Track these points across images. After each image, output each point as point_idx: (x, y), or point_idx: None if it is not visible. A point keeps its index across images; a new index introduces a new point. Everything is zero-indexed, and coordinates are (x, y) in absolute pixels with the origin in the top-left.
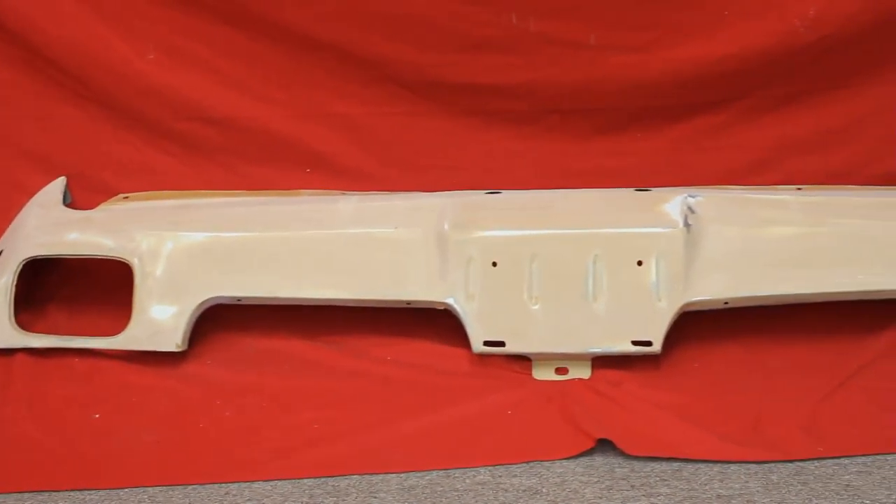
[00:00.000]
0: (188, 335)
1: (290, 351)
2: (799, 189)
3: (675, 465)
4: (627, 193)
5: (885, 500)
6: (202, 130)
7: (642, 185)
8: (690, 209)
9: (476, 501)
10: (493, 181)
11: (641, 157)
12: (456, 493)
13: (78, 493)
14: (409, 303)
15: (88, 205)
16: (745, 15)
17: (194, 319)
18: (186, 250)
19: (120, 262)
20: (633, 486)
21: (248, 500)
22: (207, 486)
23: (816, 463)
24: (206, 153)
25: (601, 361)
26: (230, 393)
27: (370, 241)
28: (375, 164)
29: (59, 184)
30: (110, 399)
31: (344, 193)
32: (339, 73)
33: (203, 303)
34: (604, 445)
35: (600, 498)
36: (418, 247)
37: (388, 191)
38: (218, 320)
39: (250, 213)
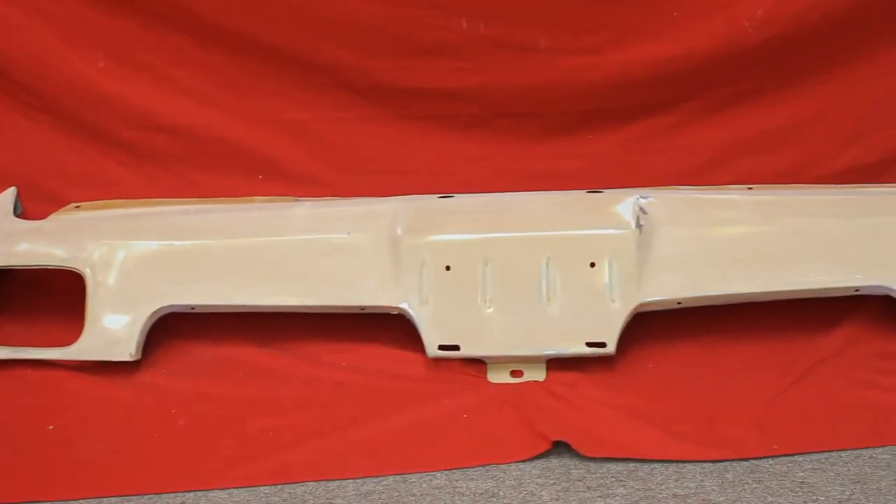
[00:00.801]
0: (142, 344)
1: (244, 358)
2: (749, 188)
3: (631, 465)
4: (579, 195)
5: (839, 497)
6: (153, 139)
7: (594, 186)
8: (642, 210)
9: None
10: (446, 185)
11: (593, 159)
12: (413, 498)
13: None
14: (363, 308)
15: (39, 215)
16: (693, 16)
17: (148, 329)
18: (139, 259)
19: (72, 272)
20: (589, 488)
21: None
22: (163, 495)
23: (771, 461)
24: (157, 161)
25: (556, 363)
26: (185, 402)
27: (323, 247)
28: (328, 169)
29: (9, 194)
30: (65, 410)
31: (296, 200)
32: (290, 79)
33: (156, 312)
34: (560, 447)
35: (557, 500)
36: (371, 252)
37: (340, 196)
38: (171, 329)
39: (202, 220)
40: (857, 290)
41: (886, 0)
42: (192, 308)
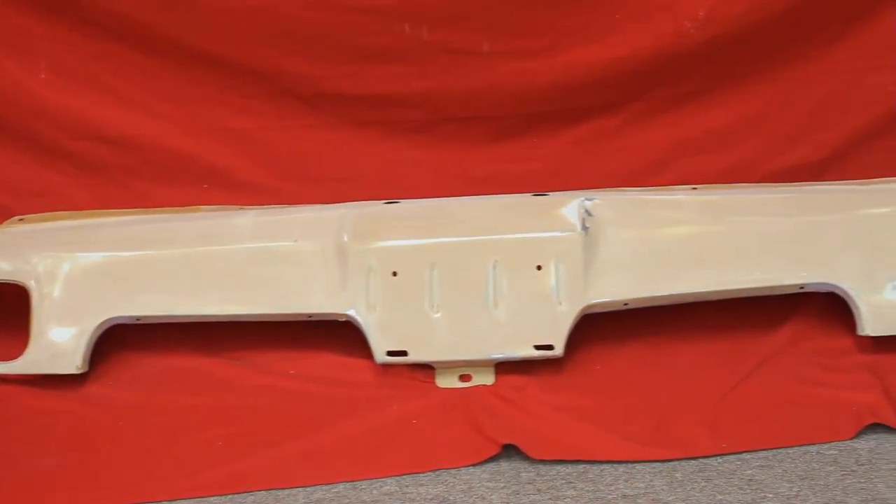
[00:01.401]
0: (88, 356)
1: (191, 368)
2: (694, 189)
3: (581, 466)
4: (525, 199)
5: (787, 493)
6: (97, 150)
7: (540, 189)
8: (588, 212)
9: None
10: (392, 191)
11: (538, 162)
12: None
13: None
14: (310, 316)
15: None
16: (635, 18)
17: (94, 340)
18: (84, 271)
19: (17, 285)
20: (539, 490)
21: None
22: None
23: (719, 459)
24: (101, 172)
25: (504, 367)
26: (133, 413)
27: (269, 255)
28: (273, 177)
29: None
30: (12, 424)
31: (242, 208)
32: (233, 87)
33: (102, 323)
34: (509, 451)
35: (507, 503)
36: (318, 259)
37: (286, 204)
38: (118, 340)
39: (147, 231)
40: (801, 288)
41: (824, 1)
42: (138, 319)
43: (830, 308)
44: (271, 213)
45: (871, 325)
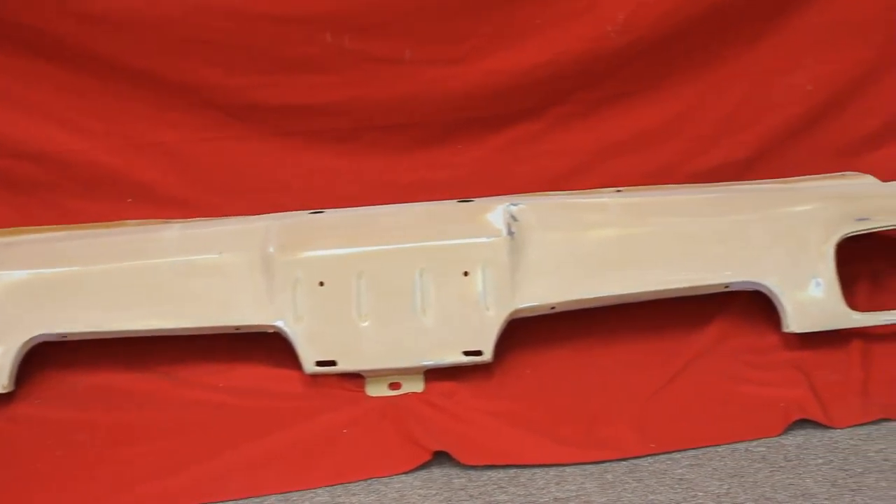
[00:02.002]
0: (14, 375)
1: (120, 385)
2: (618, 191)
3: (512, 471)
4: (450, 205)
5: (717, 491)
6: (19, 166)
7: (465, 195)
8: (513, 217)
9: None
10: (318, 201)
11: (463, 169)
12: None
13: None
14: (237, 328)
15: None
16: (556, 22)
17: (20, 359)
18: (8, 289)
19: None
20: (471, 496)
21: None
22: None
23: (650, 459)
24: (24, 189)
25: (434, 374)
26: (62, 431)
27: (195, 268)
28: (198, 190)
29: None
30: None
31: (167, 222)
32: (155, 101)
33: (28, 342)
34: (441, 457)
35: None
36: (244, 271)
37: (211, 217)
38: (45, 358)
39: (72, 247)
40: (727, 287)
41: (741, 2)
42: (64, 336)
43: (756, 306)
44: (196, 227)
45: (795, 321)
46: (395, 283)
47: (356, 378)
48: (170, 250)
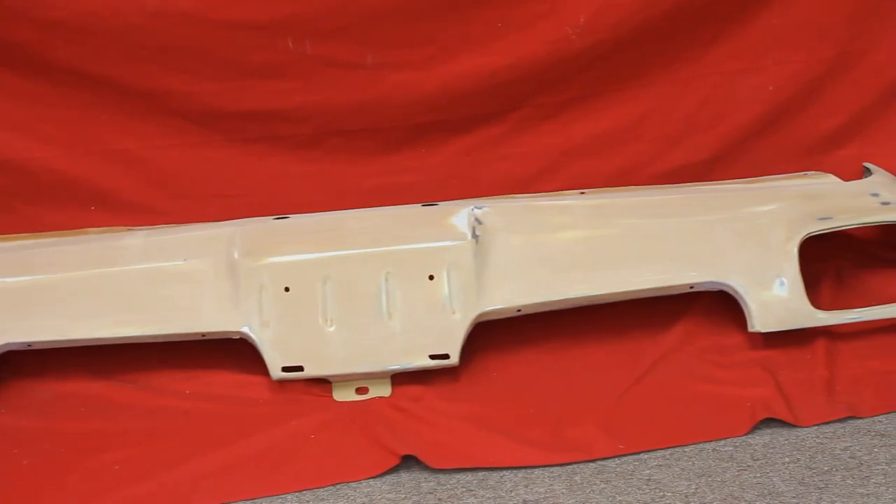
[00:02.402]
0: None
1: (87, 393)
2: (583, 193)
3: (481, 474)
4: (415, 209)
5: (685, 491)
6: None
7: (429, 199)
8: (478, 220)
9: None
10: (282, 206)
11: (427, 173)
12: None
13: None
14: (204, 335)
15: None
16: (517, 26)
17: None
18: None
19: None
20: (440, 500)
21: None
22: None
23: (618, 460)
24: None
25: (401, 378)
26: (28, 440)
27: (160, 275)
28: (162, 197)
29: None
30: None
31: (131, 229)
32: (117, 108)
33: None
34: (409, 461)
35: None
36: (209, 277)
37: (176, 223)
38: (10, 367)
39: (36, 255)
40: (692, 287)
41: (699, 3)
42: (30, 345)
43: (721, 306)
44: (161, 234)
45: (760, 321)
46: (360, 287)
47: (323, 383)
48: (135, 257)
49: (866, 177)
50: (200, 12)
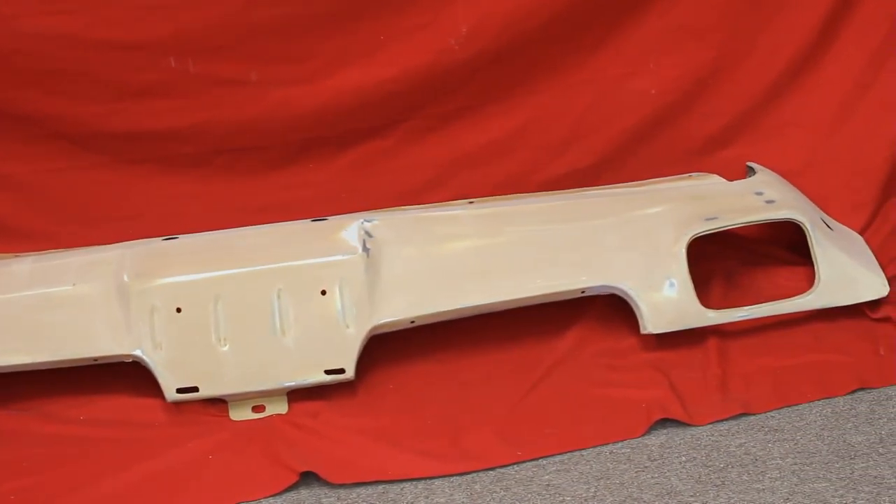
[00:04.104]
0: None
1: None
2: (471, 202)
3: (381, 487)
4: (304, 225)
5: (584, 494)
6: None
7: (320, 214)
8: (368, 233)
9: None
10: (172, 227)
11: (316, 188)
12: None
13: None
14: (96, 359)
15: None
16: (400, 38)
17: None
18: None
19: None
20: None
21: None
22: None
23: (517, 467)
24: None
25: (297, 394)
26: None
27: (48, 301)
28: (49, 222)
29: None
30: None
31: (18, 256)
32: (2, 133)
33: None
34: (308, 478)
35: None
36: (99, 302)
37: (64, 248)
38: None
39: None
40: (583, 292)
41: (580, 10)
42: None
43: (613, 309)
44: (48, 259)
45: (652, 323)
46: (252, 305)
47: (219, 403)
48: (22, 284)
49: (750, 176)
50: (80, 34)
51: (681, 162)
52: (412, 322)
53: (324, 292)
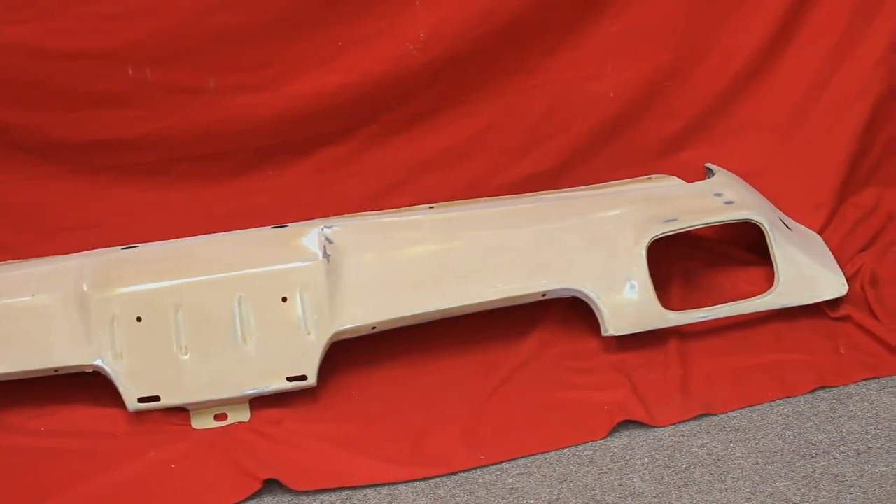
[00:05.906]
0: None
1: None
2: (431, 207)
3: (344, 493)
4: (264, 232)
5: (548, 497)
6: None
7: (280, 221)
8: (328, 240)
9: None
10: (131, 236)
11: (276, 195)
12: None
13: None
14: (56, 370)
15: None
16: (358, 43)
17: None
18: None
19: None
20: None
21: None
22: None
23: (480, 471)
24: None
25: (259, 402)
26: None
27: (7, 312)
28: (7, 232)
29: None
30: None
31: None
32: None
33: None
34: (272, 485)
35: None
36: (58, 312)
37: (22, 258)
38: None
39: None
40: (544, 295)
41: (537, 14)
42: None
43: (575, 312)
44: (6, 269)
45: (613, 325)
46: (213, 313)
47: (181, 412)
48: None
49: (709, 177)
50: (35, 43)
51: (640, 164)
52: (373, 328)
53: (284, 299)
